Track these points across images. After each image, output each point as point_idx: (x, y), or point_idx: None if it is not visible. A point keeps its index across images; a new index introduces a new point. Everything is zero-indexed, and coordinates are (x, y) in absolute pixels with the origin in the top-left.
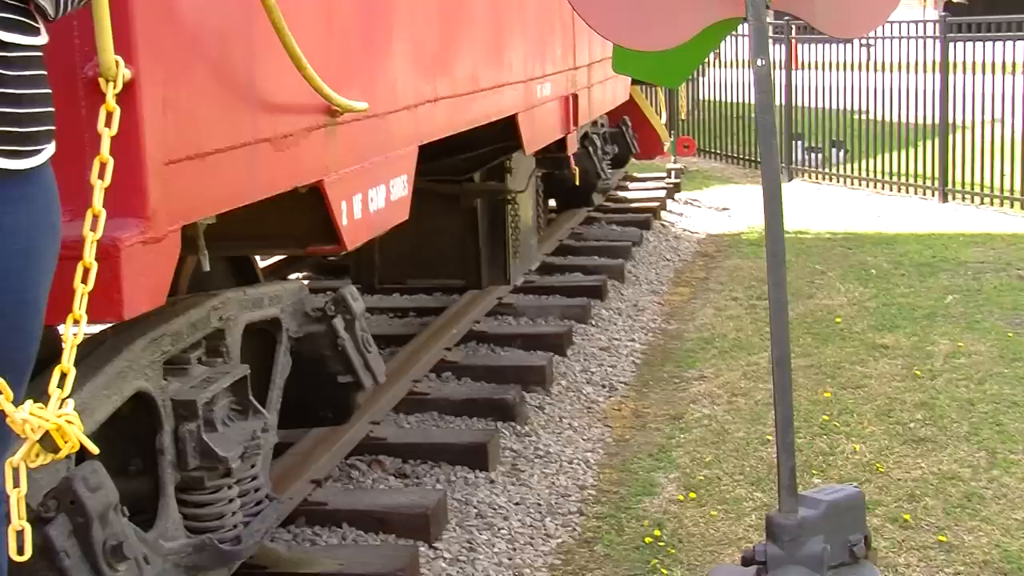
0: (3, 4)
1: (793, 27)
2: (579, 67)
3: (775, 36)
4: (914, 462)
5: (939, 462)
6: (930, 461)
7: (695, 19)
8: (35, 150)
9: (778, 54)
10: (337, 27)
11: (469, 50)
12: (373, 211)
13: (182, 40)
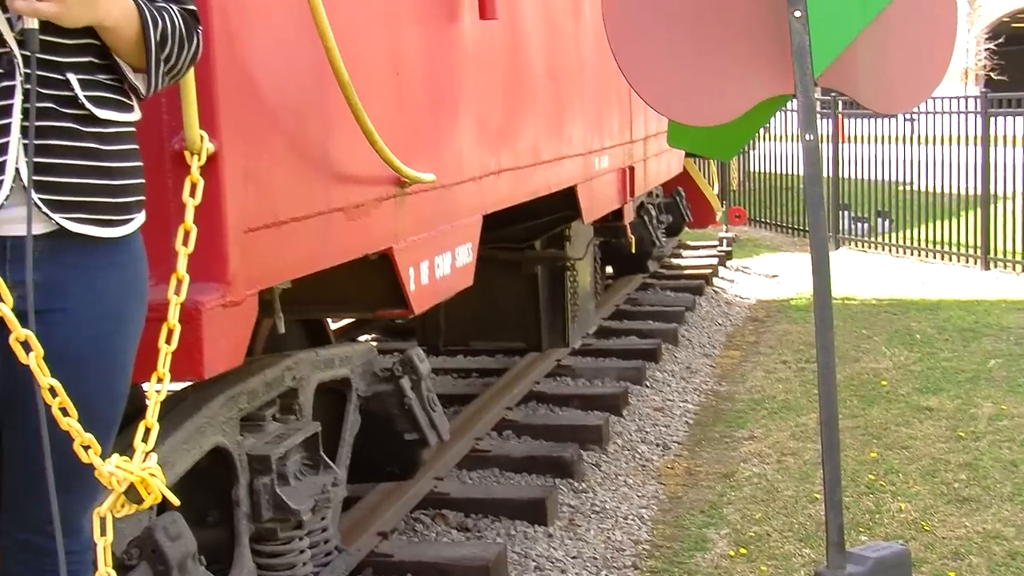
0: (100, 84)
1: (840, 103)
2: (635, 140)
3: (823, 111)
4: (959, 521)
5: (983, 521)
6: (974, 520)
7: (746, 96)
8: (126, 219)
9: (826, 128)
10: (407, 102)
11: (531, 124)
12: (439, 277)
13: (262, 115)
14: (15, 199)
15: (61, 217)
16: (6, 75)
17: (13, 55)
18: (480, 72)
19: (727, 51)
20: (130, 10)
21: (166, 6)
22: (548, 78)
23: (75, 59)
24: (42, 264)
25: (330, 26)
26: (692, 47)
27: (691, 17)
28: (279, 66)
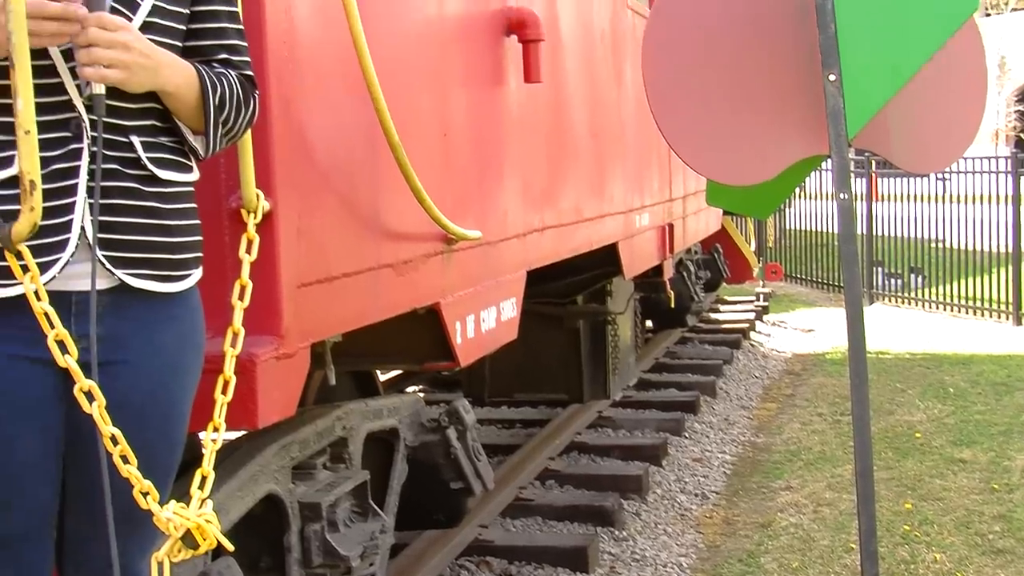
0: (162, 146)
1: (874, 162)
2: (675, 199)
3: (857, 171)
4: (993, 572)
5: (1018, 572)
6: (1009, 572)
7: (782, 156)
8: (185, 275)
9: (860, 187)
10: (454, 162)
11: (574, 183)
12: (485, 331)
13: (315, 175)
14: (80, 255)
15: (123, 273)
16: (74, 138)
17: (81, 119)
18: (524, 133)
19: (764, 113)
20: (191, 76)
21: (225, 72)
22: (590, 138)
23: (138, 122)
24: (105, 318)
25: (381, 89)
26: (729, 109)
27: (728, 80)
28: (332, 127)
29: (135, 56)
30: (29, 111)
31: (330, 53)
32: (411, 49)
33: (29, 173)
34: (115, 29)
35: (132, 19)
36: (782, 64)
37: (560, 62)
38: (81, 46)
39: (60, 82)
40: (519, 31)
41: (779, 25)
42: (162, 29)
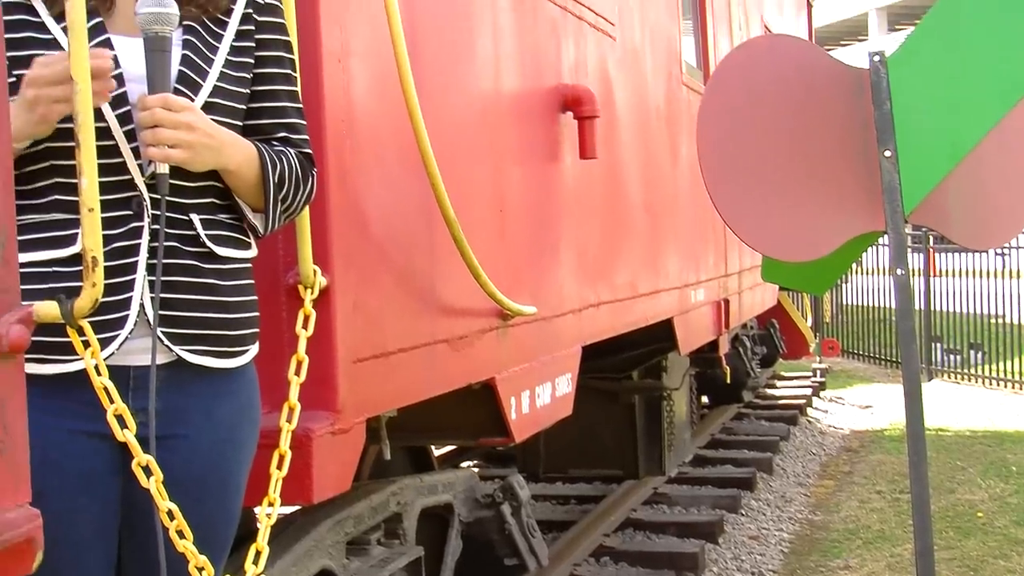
0: (221, 223)
1: (931, 237)
2: (730, 274)
3: (914, 246)
4: None
5: None
6: None
7: (838, 232)
8: (242, 351)
9: (917, 262)
10: (510, 237)
11: (629, 258)
12: (540, 406)
13: (372, 251)
14: (139, 331)
15: (181, 349)
16: (135, 216)
17: (143, 198)
18: (580, 208)
19: (819, 189)
20: (251, 155)
21: (284, 150)
22: (645, 213)
23: (198, 200)
24: (163, 392)
25: (437, 165)
26: (785, 185)
27: (783, 156)
28: (389, 203)
29: (199, 136)
30: (93, 189)
31: (387, 129)
32: (467, 125)
33: (92, 250)
34: (179, 110)
35: (194, 99)
36: (837, 140)
37: (615, 137)
38: (146, 126)
39: (123, 162)
40: (575, 108)
41: (834, 101)
42: (223, 109)
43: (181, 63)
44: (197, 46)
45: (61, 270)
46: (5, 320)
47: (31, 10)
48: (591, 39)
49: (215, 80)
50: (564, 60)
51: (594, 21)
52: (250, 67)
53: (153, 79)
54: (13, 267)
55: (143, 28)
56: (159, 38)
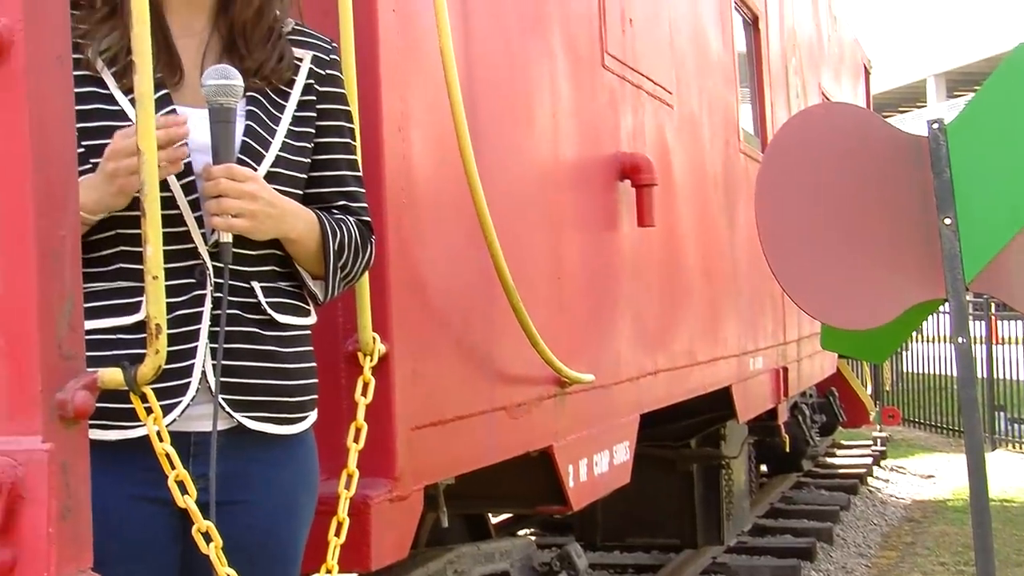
0: (281, 291)
1: (993, 305)
2: (789, 342)
3: (975, 314)
4: None
5: None
6: None
7: (898, 301)
8: (302, 417)
9: (979, 330)
10: (567, 305)
11: (687, 326)
12: (597, 474)
13: (431, 318)
14: (200, 397)
15: (242, 416)
16: (198, 285)
17: (205, 266)
18: (638, 275)
19: (878, 257)
20: (312, 223)
21: (344, 218)
22: (703, 280)
23: (259, 268)
24: (223, 458)
25: (496, 233)
26: (843, 253)
27: (842, 224)
28: (448, 270)
29: (261, 205)
30: (157, 258)
31: (446, 196)
32: (526, 192)
33: (156, 317)
34: (243, 179)
35: (257, 169)
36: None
37: (673, 205)
38: (210, 196)
39: (186, 230)
40: (633, 176)
41: (893, 169)
42: (285, 178)
43: (245, 133)
44: (260, 117)
45: (125, 337)
46: (71, 386)
47: (100, 82)
48: (649, 107)
49: (278, 150)
50: (622, 128)
51: (652, 90)
52: (311, 136)
53: (218, 149)
54: (79, 334)
55: (209, 100)
56: (224, 109)
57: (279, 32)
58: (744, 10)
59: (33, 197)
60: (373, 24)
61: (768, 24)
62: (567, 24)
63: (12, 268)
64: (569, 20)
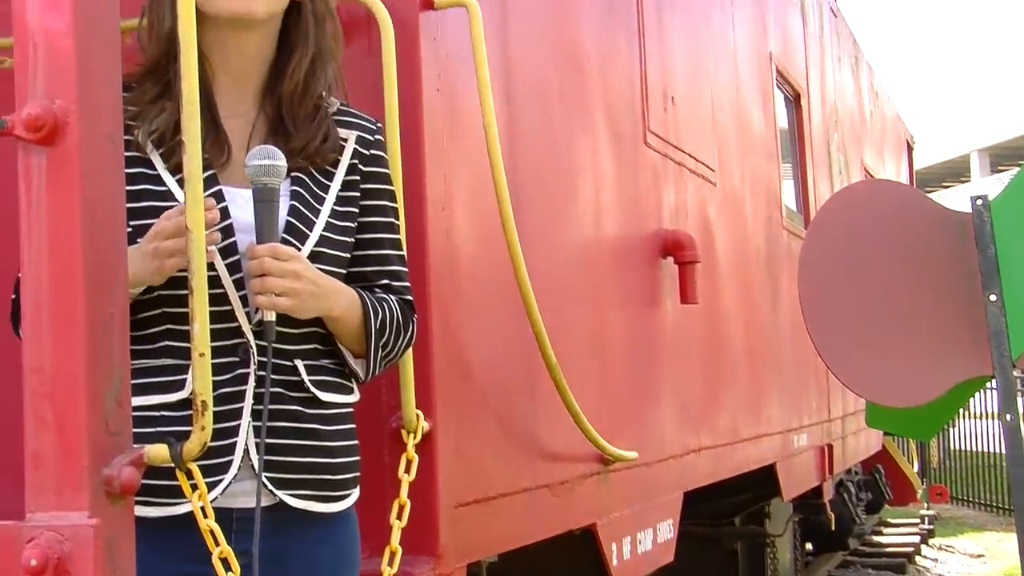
0: (324, 368)
1: None
2: (833, 419)
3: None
4: None
5: None
6: None
7: (944, 378)
8: (344, 495)
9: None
10: (610, 382)
11: (730, 403)
12: (641, 553)
13: (474, 395)
14: (243, 474)
15: (285, 493)
16: (241, 363)
17: (249, 345)
18: (680, 352)
19: (923, 333)
20: (355, 302)
21: (386, 297)
22: (746, 357)
23: (302, 346)
24: (265, 535)
25: (539, 310)
26: (888, 329)
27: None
28: (491, 347)
29: (304, 284)
30: (204, 335)
31: (489, 273)
32: (568, 269)
33: (202, 394)
34: (287, 259)
35: (301, 248)
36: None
37: (716, 281)
38: (255, 275)
39: (231, 309)
40: (676, 253)
41: (936, 245)
42: (329, 257)
43: (289, 213)
44: (305, 196)
45: (169, 414)
46: (117, 462)
47: (148, 163)
48: (691, 184)
49: (321, 230)
50: (665, 205)
51: (694, 167)
52: (355, 216)
53: (262, 229)
54: (126, 410)
55: (253, 180)
56: (268, 189)
57: (324, 111)
58: (786, 87)
59: (83, 274)
60: (417, 103)
61: (810, 100)
62: (610, 102)
63: (61, 344)
64: (612, 98)
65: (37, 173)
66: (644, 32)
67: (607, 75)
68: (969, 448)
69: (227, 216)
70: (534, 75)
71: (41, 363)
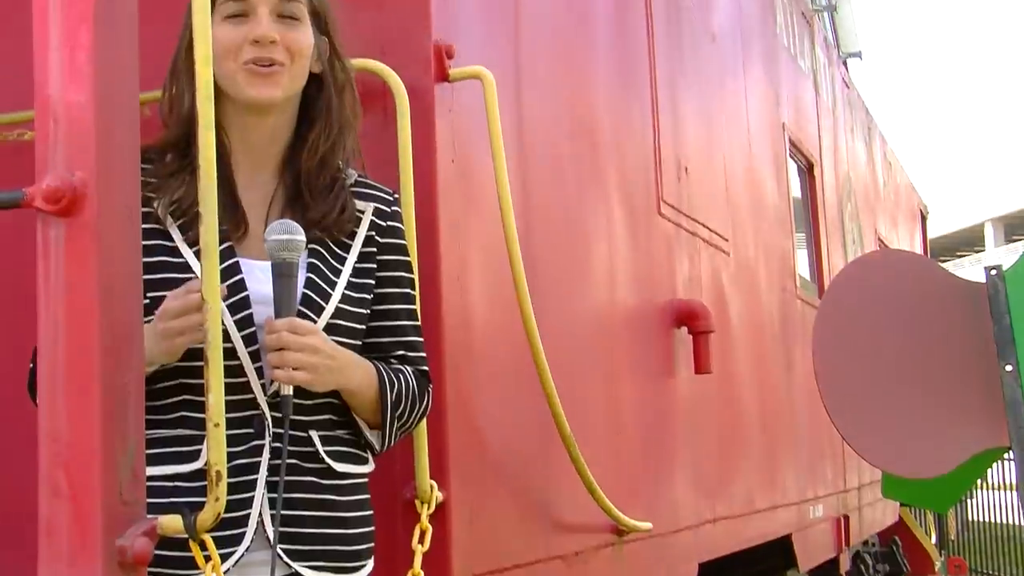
0: (339, 439)
1: None
2: (849, 490)
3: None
4: None
5: None
6: None
7: (960, 449)
8: (358, 566)
9: None
10: (624, 452)
11: (745, 473)
12: None
13: (488, 465)
14: (256, 545)
15: (300, 565)
16: (256, 435)
17: (264, 417)
18: (694, 422)
19: (939, 404)
20: (370, 374)
21: (401, 368)
22: (761, 427)
23: (317, 417)
24: None
25: (553, 381)
26: (903, 400)
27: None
28: (505, 418)
29: (321, 358)
30: (220, 406)
31: (504, 344)
32: (583, 339)
33: (216, 465)
34: (304, 333)
35: (317, 321)
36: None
37: (730, 351)
38: (272, 349)
39: (246, 381)
40: (689, 323)
41: (951, 315)
42: (345, 330)
43: (305, 286)
44: (321, 270)
45: (184, 484)
46: (131, 533)
47: (166, 235)
48: (705, 254)
49: (337, 302)
50: (679, 275)
51: (708, 236)
52: (371, 288)
53: (280, 303)
54: (141, 481)
55: (271, 254)
56: (286, 264)
57: (342, 183)
58: (799, 157)
59: (99, 344)
60: (432, 174)
61: (823, 170)
62: (623, 173)
63: (77, 414)
64: (625, 169)
65: (55, 244)
66: (657, 103)
67: (621, 146)
68: (988, 520)
69: (243, 288)
70: (548, 146)
71: (57, 432)
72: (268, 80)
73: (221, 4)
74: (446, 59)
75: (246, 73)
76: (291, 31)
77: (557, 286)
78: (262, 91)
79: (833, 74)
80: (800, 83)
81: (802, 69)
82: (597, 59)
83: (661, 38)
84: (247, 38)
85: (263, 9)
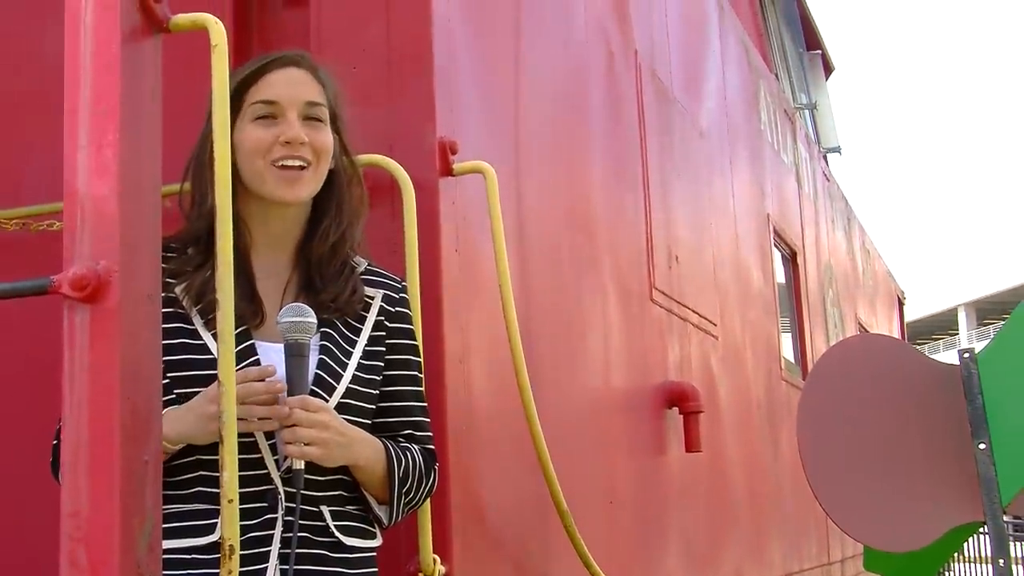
0: (348, 514)
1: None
2: (833, 563)
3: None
4: None
5: None
6: None
7: (938, 523)
8: None
9: (1020, 551)
10: (618, 527)
11: (733, 547)
12: None
13: (489, 541)
14: None
15: None
16: (269, 509)
17: (277, 491)
18: (685, 498)
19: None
20: (379, 451)
21: (409, 446)
22: (748, 503)
23: (328, 493)
24: None
25: (550, 458)
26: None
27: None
28: (505, 494)
29: (332, 434)
30: (234, 482)
31: (504, 424)
32: (579, 419)
33: (230, 539)
34: (316, 410)
35: (329, 399)
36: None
37: (719, 431)
38: (284, 425)
39: (260, 457)
40: (681, 403)
41: (928, 397)
42: (355, 408)
43: (318, 366)
44: (333, 351)
45: (199, 557)
46: None
47: (186, 319)
48: (695, 338)
49: (348, 382)
50: (670, 358)
51: (698, 321)
52: (381, 369)
53: (292, 382)
54: (157, 554)
55: (284, 335)
56: (299, 345)
57: (352, 267)
58: (783, 246)
59: (119, 425)
60: (437, 262)
61: (806, 258)
62: (617, 261)
63: (97, 490)
64: (620, 258)
65: (80, 329)
66: (649, 195)
67: (615, 236)
68: None
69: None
70: (546, 235)
71: (77, 508)
72: (297, 182)
73: (250, 106)
74: (450, 154)
75: (276, 172)
76: (317, 133)
77: (555, 368)
78: (290, 192)
79: (814, 168)
80: (784, 176)
81: (785, 163)
82: (593, 153)
83: (653, 134)
84: (278, 139)
85: (292, 113)
